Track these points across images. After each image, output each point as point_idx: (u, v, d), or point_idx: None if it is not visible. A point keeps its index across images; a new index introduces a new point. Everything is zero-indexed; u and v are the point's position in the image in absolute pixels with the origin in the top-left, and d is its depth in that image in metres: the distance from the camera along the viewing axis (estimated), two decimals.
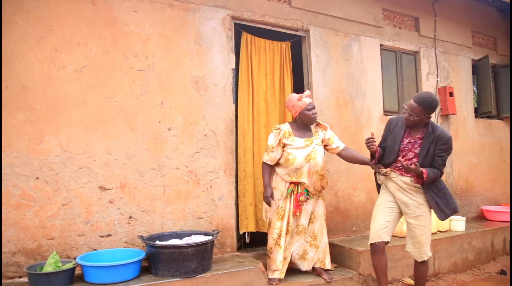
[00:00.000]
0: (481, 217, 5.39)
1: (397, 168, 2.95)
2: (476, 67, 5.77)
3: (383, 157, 3.03)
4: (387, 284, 2.99)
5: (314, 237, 3.28)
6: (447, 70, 5.37)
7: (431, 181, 2.82)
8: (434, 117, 5.11)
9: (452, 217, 4.53)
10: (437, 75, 5.21)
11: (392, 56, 4.94)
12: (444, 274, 4.07)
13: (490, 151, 5.73)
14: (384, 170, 2.98)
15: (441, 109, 5.16)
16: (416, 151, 2.88)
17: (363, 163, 3.23)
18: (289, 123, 3.29)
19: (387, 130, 3.09)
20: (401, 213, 3.03)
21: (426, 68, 5.15)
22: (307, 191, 3.18)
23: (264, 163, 3.24)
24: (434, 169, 2.82)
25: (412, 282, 3.69)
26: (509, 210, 5.01)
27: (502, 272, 4.30)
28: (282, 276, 3.18)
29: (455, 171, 5.28)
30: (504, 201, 5.75)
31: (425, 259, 2.94)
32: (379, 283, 3.00)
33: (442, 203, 2.87)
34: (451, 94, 5.14)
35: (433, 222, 4.28)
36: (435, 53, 5.23)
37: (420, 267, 3.00)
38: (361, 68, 4.54)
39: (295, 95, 3.24)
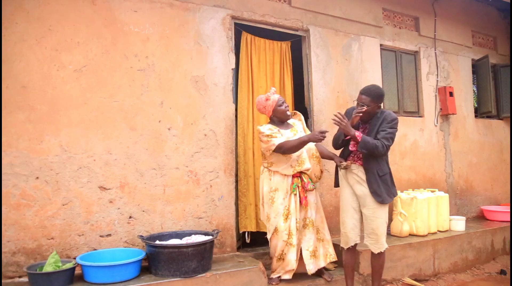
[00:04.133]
0: (481, 217, 5.39)
1: (356, 157, 3.02)
2: (476, 67, 5.77)
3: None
4: (353, 278, 3.17)
5: (317, 230, 3.28)
6: (447, 70, 5.36)
7: (366, 144, 2.84)
8: (434, 117, 5.12)
9: (452, 217, 4.54)
10: (437, 75, 5.21)
11: (392, 56, 4.94)
12: (444, 274, 4.07)
13: (490, 151, 5.73)
14: (344, 163, 3.02)
15: (441, 109, 5.16)
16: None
17: (329, 158, 3.26)
18: (266, 124, 3.28)
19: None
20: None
21: (426, 68, 5.15)
22: (311, 180, 3.20)
23: (282, 143, 3.04)
24: (374, 139, 2.88)
25: (413, 282, 3.70)
26: (509, 210, 5.01)
27: (502, 272, 4.30)
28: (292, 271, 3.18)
29: (455, 171, 5.28)
30: (504, 201, 5.75)
31: (382, 251, 2.98)
32: (346, 276, 3.14)
33: (381, 186, 2.92)
34: (451, 94, 5.14)
35: (433, 221, 4.31)
36: (435, 53, 5.23)
37: (376, 258, 3.03)
38: (361, 68, 4.54)
39: (262, 96, 3.27)
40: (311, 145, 3.23)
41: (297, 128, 3.30)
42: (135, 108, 3.19)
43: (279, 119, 3.25)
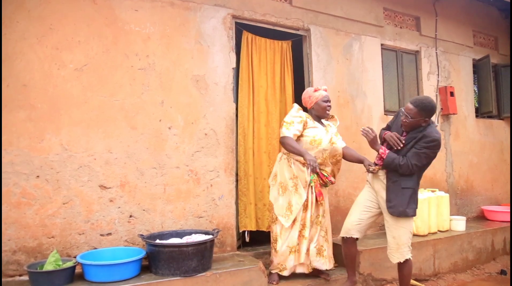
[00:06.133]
0: (481, 217, 5.39)
1: None
2: (477, 67, 5.76)
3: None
4: (354, 270, 3.19)
5: (326, 230, 3.26)
6: (448, 69, 5.36)
7: (390, 164, 2.81)
8: (435, 117, 5.11)
9: (452, 217, 4.54)
10: (438, 74, 5.21)
11: (393, 55, 4.94)
12: (444, 274, 4.07)
13: (490, 151, 5.73)
14: (372, 167, 3.00)
15: (441, 108, 5.16)
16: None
17: (359, 161, 3.25)
18: (302, 110, 3.26)
19: (393, 120, 3.15)
20: (377, 213, 3.07)
21: (427, 67, 5.15)
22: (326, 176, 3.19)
23: (287, 137, 3.00)
24: (402, 157, 2.80)
25: (413, 281, 3.70)
26: (509, 210, 5.01)
27: (502, 272, 4.31)
28: (310, 269, 3.18)
29: (456, 171, 5.28)
30: (504, 201, 5.75)
31: (402, 261, 2.92)
32: (347, 268, 3.18)
33: (398, 198, 2.82)
34: (451, 94, 5.13)
35: (433, 221, 4.30)
36: (436, 52, 5.23)
37: (401, 267, 2.97)
38: (362, 68, 4.53)
39: (311, 88, 3.32)
40: (338, 147, 3.20)
41: (329, 129, 3.25)
42: (136, 107, 3.19)
43: (317, 113, 3.24)
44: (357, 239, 3.08)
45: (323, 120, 3.35)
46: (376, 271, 3.63)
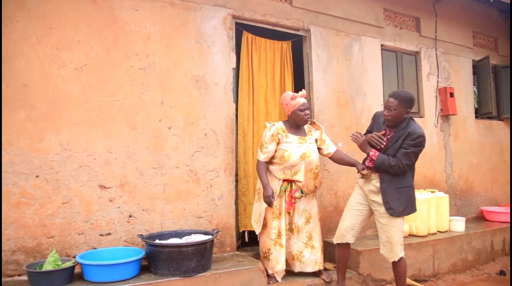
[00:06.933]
0: (480, 217, 5.39)
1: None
2: (477, 68, 5.77)
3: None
4: (345, 274, 3.20)
5: (310, 237, 3.28)
6: (448, 70, 5.36)
7: (381, 165, 2.86)
8: (435, 117, 5.12)
9: (451, 218, 4.54)
10: (438, 75, 5.21)
11: (393, 56, 4.94)
12: (443, 275, 4.07)
13: (490, 151, 5.73)
14: (365, 171, 3.02)
15: (441, 109, 5.16)
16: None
17: (351, 164, 3.26)
18: (282, 121, 3.29)
19: (372, 124, 3.18)
20: (369, 214, 3.10)
21: (426, 68, 5.15)
22: (300, 189, 3.18)
23: (260, 162, 3.17)
24: (392, 158, 2.84)
25: (413, 282, 3.70)
26: (509, 211, 5.01)
27: (502, 273, 4.31)
28: (282, 273, 3.20)
29: (455, 172, 5.28)
30: (504, 201, 5.75)
31: (396, 260, 2.94)
32: (338, 271, 3.20)
33: (396, 198, 2.86)
34: (451, 95, 5.14)
35: (433, 222, 4.30)
36: (436, 53, 5.23)
37: (396, 266, 3.00)
38: (361, 68, 4.53)
39: (290, 94, 3.23)
40: (313, 160, 3.16)
41: (308, 138, 3.22)
42: (136, 107, 3.19)
43: (294, 121, 3.21)
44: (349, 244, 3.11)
45: (306, 126, 3.31)
46: (376, 272, 3.63)
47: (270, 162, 3.20)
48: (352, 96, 4.43)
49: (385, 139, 2.91)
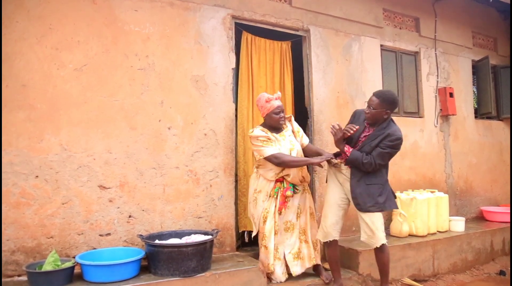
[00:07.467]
0: (480, 217, 5.39)
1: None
2: (476, 68, 5.77)
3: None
4: (340, 271, 3.18)
5: (303, 231, 3.28)
6: (447, 70, 5.37)
7: (354, 161, 2.88)
8: (434, 117, 5.12)
9: (451, 218, 4.55)
10: (437, 75, 5.21)
11: (392, 56, 4.94)
12: (443, 275, 4.07)
13: (489, 151, 5.73)
14: (335, 160, 3.04)
15: (441, 109, 5.16)
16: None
17: (318, 154, 3.22)
18: (259, 126, 3.27)
19: (351, 120, 3.18)
20: (349, 206, 3.11)
21: (426, 68, 5.15)
22: (293, 185, 3.17)
23: (278, 154, 3.02)
24: (366, 155, 2.85)
25: (412, 282, 3.71)
26: (508, 211, 5.01)
27: (501, 273, 4.31)
28: (285, 277, 3.20)
29: (455, 172, 5.28)
30: (503, 201, 5.75)
31: (378, 246, 2.93)
32: (332, 270, 3.19)
33: (364, 195, 2.88)
34: (451, 95, 5.14)
35: (433, 222, 4.31)
36: (436, 53, 5.23)
37: (379, 254, 2.99)
38: (361, 68, 4.54)
39: (265, 96, 3.20)
40: (297, 151, 3.17)
41: (285, 132, 3.23)
42: (135, 107, 3.19)
43: (269, 124, 3.22)
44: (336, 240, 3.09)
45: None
46: (376, 272, 3.61)
47: (258, 166, 3.20)
48: (352, 96, 4.43)
49: (354, 129, 2.90)
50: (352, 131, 2.90)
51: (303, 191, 3.29)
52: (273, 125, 3.20)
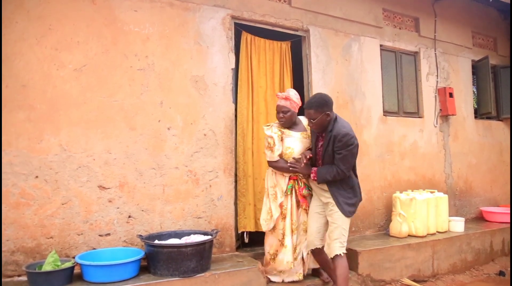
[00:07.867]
0: (480, 218, 5.39)
1: None
2: (476, 68, 5.77)
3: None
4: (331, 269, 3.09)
5: (306, 229, 3.26)
6: (447, 70, 5.37)
7: (324, 181, 2.88)
8: (434, 117, 5.12)
9: (451, 218, 4.55)
10: (437, 75, 5.21)
11: (392, 56, 4.94)
12: (443, 275, 4.08)
13: (489, 152, 5.73)
14: (300, 163, 3.06)
15: (440, 109, 5.16)
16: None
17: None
18: (275, 123, 3.27)
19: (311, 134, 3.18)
20: None
21: (426, 68, 5.15)
22: (307, 185, 3.17)
23: (276, 161, 3.12)
24: (331, 166, 2.85)
25: (412, 282, 3.71)
26: (508, 211, 5.01)
27: (501, 273, 4.31)
28: (301, 277, 3.20)
29: (455, 172, 5.28)
30: (503, 202, 5.75)
31: (332, 256, 2.85)
32: (328, 274, 3.19)
33: (344, 199, 2.88)
34: (451, 95, 5.14)
35: (432, 222, 4.31)
36: (435, 53, 5.23)
37: (334, 265, 2.86)
38: (361, 68, 4.54)
39: (277, 94, 3.25)
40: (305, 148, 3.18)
41: (298, 128, 3.22)
42: (135, 107, 3.19)
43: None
44: (322, 247, 3.02)
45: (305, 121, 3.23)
46: (375, 272, 3.64)
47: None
48: (352, 96, 4.43)
49: (308, 157, 2.97)
50: (305, 160, 2.96)
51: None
52: (279, 122, 3.23)
